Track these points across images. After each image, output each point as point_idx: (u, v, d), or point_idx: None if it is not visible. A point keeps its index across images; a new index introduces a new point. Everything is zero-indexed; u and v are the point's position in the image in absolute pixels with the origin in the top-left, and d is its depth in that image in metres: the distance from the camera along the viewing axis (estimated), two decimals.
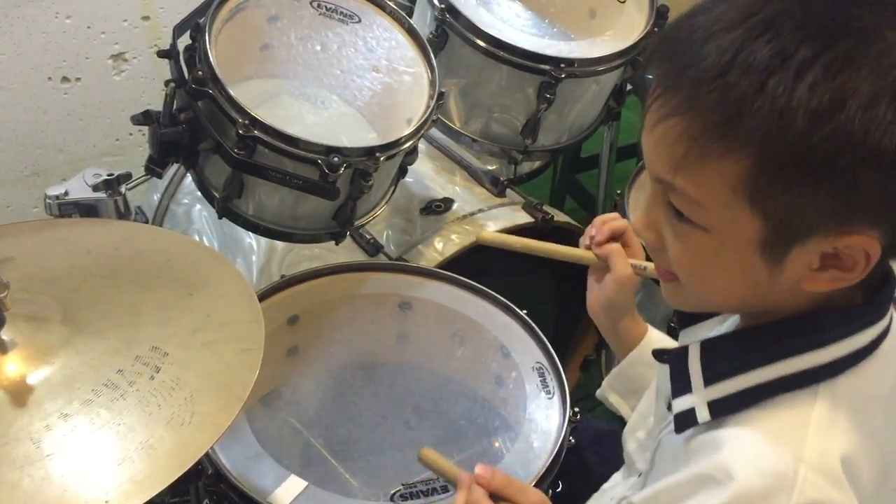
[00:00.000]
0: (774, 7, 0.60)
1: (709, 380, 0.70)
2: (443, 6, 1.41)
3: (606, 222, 1.01)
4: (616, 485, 0.96)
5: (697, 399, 0.70)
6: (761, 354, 0.68)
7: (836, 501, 0.63)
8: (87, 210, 1.20)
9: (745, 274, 0.66)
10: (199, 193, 1.30)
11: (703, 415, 0.69)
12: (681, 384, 0.72)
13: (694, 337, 0.76)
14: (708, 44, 0.60)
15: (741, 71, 0.59)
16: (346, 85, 1.35)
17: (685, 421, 0.71)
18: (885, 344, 0.70)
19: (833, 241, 0.62)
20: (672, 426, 0.73)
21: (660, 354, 0.79)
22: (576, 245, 1.04)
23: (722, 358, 0.70)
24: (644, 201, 0.71)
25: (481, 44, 1.42)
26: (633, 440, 0.93)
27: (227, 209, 1.24)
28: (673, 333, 0.94)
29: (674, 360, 0.74)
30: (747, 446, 0.66)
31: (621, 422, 1.00)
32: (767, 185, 0.60)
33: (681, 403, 0.71)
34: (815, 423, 0.65)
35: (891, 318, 0.71)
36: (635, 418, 0.95)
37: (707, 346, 0.72)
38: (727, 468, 0.64)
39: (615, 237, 1.01)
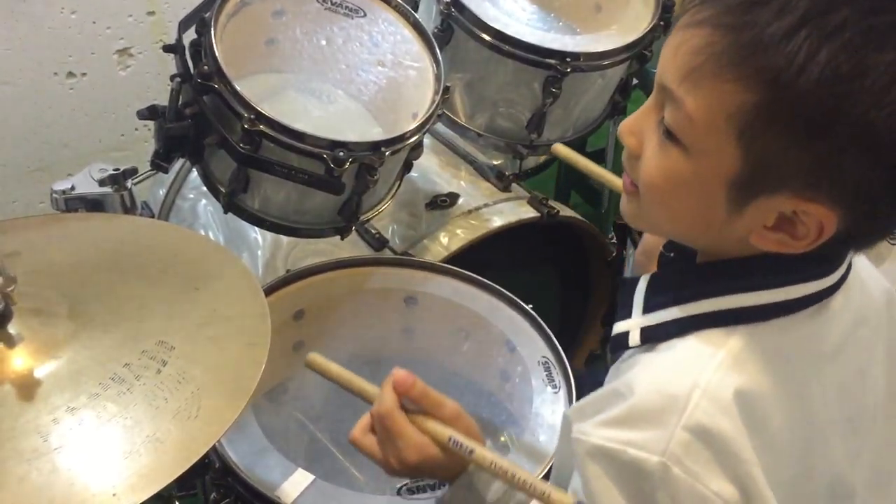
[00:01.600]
0: None
1: (646, 309, 0.74)
2: (448, 0, 1.41)
3: None
4: None
5: (632, 324, 0.74)
6: (693, 290, 0.72)
7: (722, 428, 0.66)
8: (94, 205, 1.21)
9: (706, 209, 0.68)
10: (204, 188, 1.30)
11: (634, 338, 0.74)
12: (626, 310, 0.76)
13: None
14: None
15: (779, 8, 0.59)
16: (352, 80, 1.35)
17: (619, 343, 0.75)
18: (836, 303, 0.72)
19: (796, 202, 0.64)
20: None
21: (623, 282, 0.82)
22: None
23: (662, 290, 0.75)
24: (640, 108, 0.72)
25: (486, 38, 1.41)
26: None
27: (232, 204, 1.24)
28: None
29: (625, 288, 0.78)
30: (654, 368, 0.70)
31: None
32: (761, 126, 0.61)
33: (620, 327, 0.76)
34: (722, 358, 0.68)
35: (841, 280, 0.73)
36: None
37: (653, 278, 0.76)
38: (631, 384, 0.69)
39: None
